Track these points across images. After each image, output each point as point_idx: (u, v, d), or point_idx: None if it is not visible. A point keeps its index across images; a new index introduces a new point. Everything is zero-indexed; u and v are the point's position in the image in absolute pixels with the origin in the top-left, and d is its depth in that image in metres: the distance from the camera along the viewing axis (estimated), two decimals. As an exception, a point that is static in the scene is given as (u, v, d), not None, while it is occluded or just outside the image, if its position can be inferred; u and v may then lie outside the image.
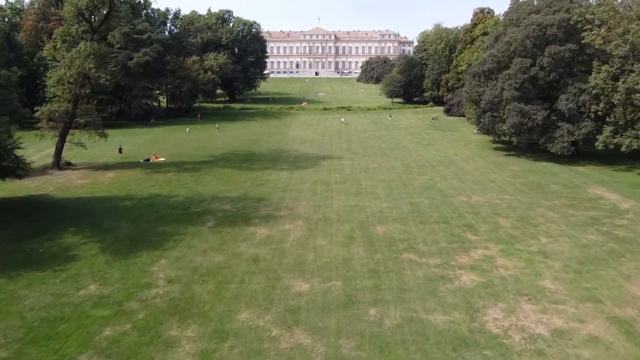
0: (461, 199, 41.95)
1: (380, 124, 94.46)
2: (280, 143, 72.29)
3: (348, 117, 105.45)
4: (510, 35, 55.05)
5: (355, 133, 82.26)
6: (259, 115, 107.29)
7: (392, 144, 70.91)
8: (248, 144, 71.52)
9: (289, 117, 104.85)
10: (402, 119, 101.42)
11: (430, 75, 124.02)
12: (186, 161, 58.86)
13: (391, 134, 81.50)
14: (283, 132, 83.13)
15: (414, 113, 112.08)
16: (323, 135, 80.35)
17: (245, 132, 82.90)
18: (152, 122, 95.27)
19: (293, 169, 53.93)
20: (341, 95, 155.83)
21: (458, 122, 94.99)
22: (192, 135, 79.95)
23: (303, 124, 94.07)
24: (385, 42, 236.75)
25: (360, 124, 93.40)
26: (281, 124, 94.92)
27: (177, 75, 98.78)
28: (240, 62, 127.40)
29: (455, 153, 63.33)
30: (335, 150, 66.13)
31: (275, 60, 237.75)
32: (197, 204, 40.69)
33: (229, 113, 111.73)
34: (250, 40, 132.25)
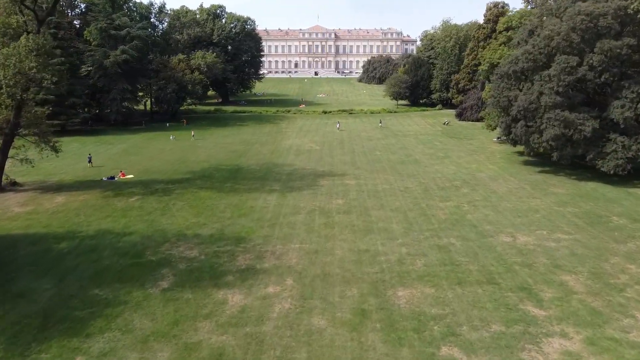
0: (503, 239, 31.81)
1: (386, 129, 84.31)
2: (273, 155, 62.08)
3: (350, 121, 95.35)
4: (551, 27, 44.86)
5: (358, 141, 72.13)
6: (252, 120, 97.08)
7: (402, 156, 60.76)
8: (235, 156, 61.34)
9: (285, 122, 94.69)
10: (410, 124, 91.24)
11: (438, 75, 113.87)
12: (158, 179, 48.64)
13: (400, 142, 71.36)
14: (277, 141, 72.96)
15: (422, 117, 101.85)
16: (322, 144, 70.17)
17: (234, 141, 72.71)
18: (142, 126, 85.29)
19: (285, 191, 43.75)
20: (342, 96, 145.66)
21: (473, 129, 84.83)
22: (174, 145, 69.72)
23: (300, 130, 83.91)
24: (387, 40, 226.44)
25: (364, 130, 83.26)
26: (276, 130, 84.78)
27: (160, 76, 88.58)
28: (234, 61, 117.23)
29: (480, 169, 53.15)
30: (337, 165, 55.96)
31: (273, 59, 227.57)
32: (155, 248, 30.53)
33: (220, 117, 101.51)
34: (245, 37, 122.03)
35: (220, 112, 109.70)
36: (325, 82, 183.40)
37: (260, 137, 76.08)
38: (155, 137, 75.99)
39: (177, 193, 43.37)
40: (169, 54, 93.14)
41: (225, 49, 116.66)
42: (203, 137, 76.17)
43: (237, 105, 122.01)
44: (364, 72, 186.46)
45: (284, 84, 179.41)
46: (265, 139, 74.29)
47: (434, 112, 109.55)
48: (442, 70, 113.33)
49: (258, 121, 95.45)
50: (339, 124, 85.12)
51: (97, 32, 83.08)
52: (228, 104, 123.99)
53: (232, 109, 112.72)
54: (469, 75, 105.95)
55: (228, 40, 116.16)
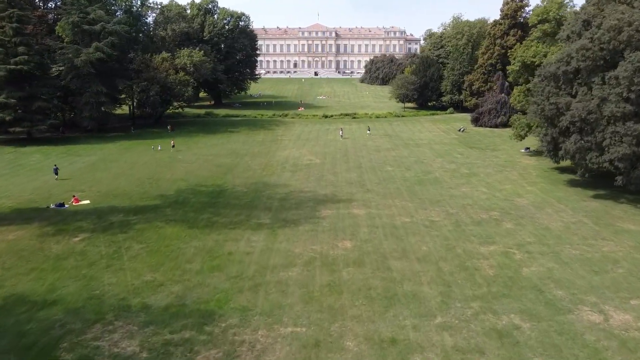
0: (589, 317, 21.76)
1: (395, 137, 74.26)
2: (265, 171, 52.04)
3: (354, 127, 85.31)
4: (618, 16, 34.84)
5: (365, 152, 62.11)
6: (245, 125, 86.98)
7: (419, 173, 50.75)
8: (220, 172, 51.31)
9: (282, 128, 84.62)
10: (422, 131, 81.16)
11: (449, 76, 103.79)
12: (118, 207, 38.60)
13: (413, 154, 61.33)
14: (271, 152, 62.89)
15: (433, 122, 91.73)
16: (323, 156, 60.12)
17: (222, 152, 62.68)
18: (123, 133, 75.20)
19: (276, 227, 33.68)
20: (343, 98, 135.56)
21: (494, 136, 74.79)
22: (150, 158, 59.63)
23: (298, 138, 73.84)
24: (390, 39, 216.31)
25: (370, 138, 73.18)
26: (270, 138, 74.70)
27: (142, 77, 78.48)
28: (226, 61, 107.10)
29: (517, 191, 43.11)
30: (342, 185, 45.90)
31: (272, 59, 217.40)
32: (78, 335, 20.40)
33: (210, 122, 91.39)
34: (239, 35, 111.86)
35: (211, 116, 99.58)
36: (326, 83, 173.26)
37: (252, 147, 66.02)
38: (132, 147, 65.89)
39: (137, 229, 33.28)
40: (153, 52, 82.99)
41: (217, 47, 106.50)
42: (187, 147, 66.14)
43: (231, 108, 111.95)
44: (366, 73, 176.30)
45: (282, 84, 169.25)
46: (258, 150, 64.21)
47: (445, 117, 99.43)
48: (453, 70, 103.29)
49: (251, 127, 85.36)
50: (341, 131, 75.00)
51: (69, 27, 72.99)
52: (221, 107, 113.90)
53: (224, 113, 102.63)
54: (483, 76, 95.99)
55: (220, 37, 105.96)
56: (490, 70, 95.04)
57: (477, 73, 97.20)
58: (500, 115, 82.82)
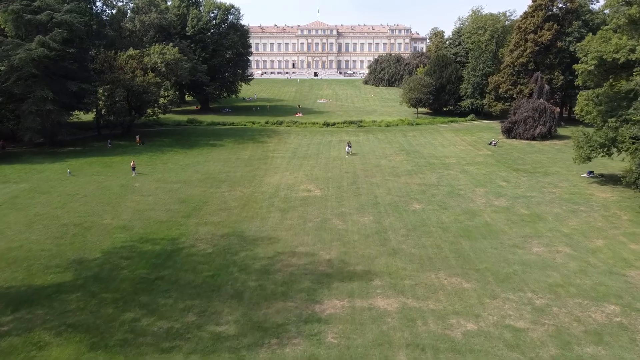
0: None
1: (414, 154, 59.30)
2: (245, 211, 37.08)
3: (361, 138, 70.43)
4: None
5: (380, 177, 47.23)
6: (232, 136, 72.05)
7: (460, 214, 35.78)
8: (182, 214, 36.39)
9: (275, 140, 69.72)
10: (445, 144, 66.19)
11: (470, 77, 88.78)
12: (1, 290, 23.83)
13: (444, 180, 46.35)
14: (257, 177, 47.93)
15: (454, 132, 76.73)
16: (326, 183, 45.21)
17: (194, 177, 47.78)
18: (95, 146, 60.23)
19: (244, 349, 18.77)
20: (347, 102, 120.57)
21: (535, 152, 59.91)
22: (97, 186, 44.70)
23: (294, 155, 58.93)
24: (395, 38, 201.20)
25: (383, 155, 58.34)
26: (260, 154, 59.78)
27: (104, 79, 63.62)
28: (213, 60, 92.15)
29: (620, 254, 28.18)
30: (354, 239, 30.98)
31: (269, 59, 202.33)
32: None
33: (191, 132, 76.43)
34: (228, 30, 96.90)
35: (194, 123, 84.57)
36: (327, 84, 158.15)
37: (234, 169, 51.11)
38: (82, 168, 50.94)
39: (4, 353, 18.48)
40: (119, 50, 67.93)
41: (202, 44, 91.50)
42: (152, 168, 51.31)
43: (219, 114, 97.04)
44: (371, 73, 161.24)
45: (279, 86, 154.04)
46: (241, 174, 49.26)
47: (466, 125, 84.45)
48: (474, 71, 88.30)
49: (239, 139, 70.40)
50: (349, 147, 59.90)
51: (10, 17, 58.09)
52: (208, 113, 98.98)
53: (210, 120, 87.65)
54: (512, 77, 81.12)
55: (206, 33, 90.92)
56: (520, 70, 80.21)
57: (504, 74, 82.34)
58: (539, 125, 67.92)
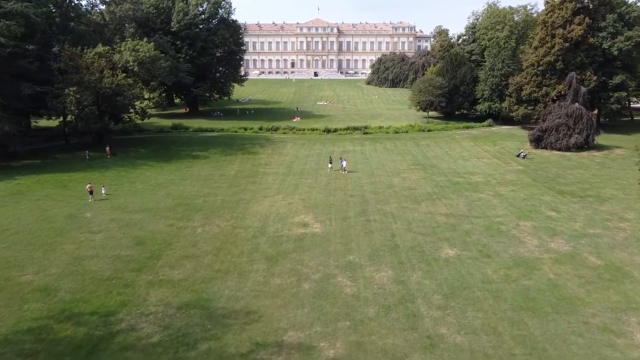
0: None
1: (432, 169, 49.42)
2: (218, 262, 27.20)
3: (368, 147, 60.66)
4: None
5: (396, 205, 37.41)
6: (219, 146, 62.27)
7: (512, 266, 25.94)
8: (133, 265, 26.56)
9: (268, 151, 59.96)
10: (466, 156, 56.33)
11: (488, 78, 79.02)
12: None
13: (476, 208, 36.38)
14: (242, 203, 38.01)
15: (473, 140, 66.86)
16: (328, 213, 35.37)
17: (163, 203, 37.92)
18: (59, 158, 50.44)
19: None
20: (349, 104, 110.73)
21: (575, 167, 50.10)
22: (37, 217, 34.94)
23: (288, 172, 49.09)
24: (398, 36, 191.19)
25: (394, 170, 48.52)
26: (248, 170, 49.94)
27: (67, 80, 53.89)
28: (201, 58, 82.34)
29: None
30: (369, 312, 21.26)
31: (266, 58, 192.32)
32: None
33: (173, 141, 66.55)
34: (218, 26, 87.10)
35: (179, 129, 74.76)
36: (327, 85, 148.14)
37: (214, 192, 41.28)
38: (28, 190, 41.19)
39: None
40: (87, 46, 58.01)
41: (189, 40, 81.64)
42: (116, 188, 41.60)
43: (208, 118, 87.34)
44: (374, 73, 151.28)
45: (277, 87, 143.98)
46: (222, 198, 39.42)
47: (485, 132, 74.62)
48: (493, 70, 78.56)
49: (226, 148, 60.63)
50: (343, 163, 49.07)
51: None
52: (197, 116, 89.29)
53: (197, 125, 77.82)
54: (536, 78, 71.37)
55: (192, 29, 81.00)
56: (546, 70, 70.46)
57: (527, 74, 72.60)
58: (574, 134, 58.15)
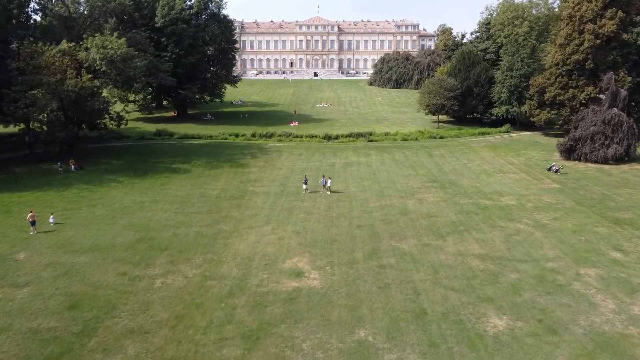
0: None
1: (452, 187, 41.35)
2: (168, 346, 19.27)
3: (373, 159, 52.66)
4: None
5: (415, 241, 29.36)
6: (204, 157, 54.26)
7: (597, 355, 18.05)
8: (49, 346, 18.56)
9: (259, 162, 51.96)
10: (488, 170, 48.21)
11: (505, 79, 71.02)
12: None
13: (516, 247, 28.29)
14: (218, 241, 29.74)
15: (493, 150, 58.80)
16: (329, 255, 27.27)
17: (116, 239, 29.78)
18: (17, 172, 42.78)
19: None
20: (350, 106, 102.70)
21: (620, 184, 42.02)
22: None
23: (282, 192, 41.03)
24: (401, 35, 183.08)
25: (409, 190, 40.48)
26: (233, 188, 41.86)
27: (24, 81, 45.91)
28: (189, 57, 74.28)
29: None
30: None
31: (265, 57, 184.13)
32: None
33: (154, 149, 58.54)
34: (208, 22, 79.06)
35: (163, 136, 66.76)
36: (327, 86, 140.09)
37: (189, 220, 33.23)
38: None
39: None
40: (50, 42, 49.92)
41: (176, 37, 73.58)
42: (70, 215, 33.60)
43: (198, 123, 79.40)
44: (376, 73, 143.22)
45: (274, 88, 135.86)
46: (197, 231, 31.35)
47: (503, 138, 66.57)
48: (511, 70, 70.53)
49: (212, 160, 52.65)
50: (327, 182, 40.21)
51: None
52: (185, 120, 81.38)
53: (184, 131, 69.83)
54: (562, 79, 63.37)
55: (179, 24, 72.89)
56: (572, 70, 62.50)
57: (551, 74, 64.56)
58: (613, 144, 50.12)
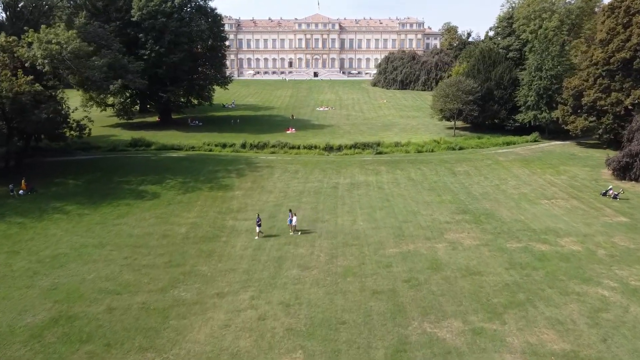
0: None
1: (493, 224, 31.59)
2: None
3: (386, 179, 43.03)
4: None
5: (456, 319, 19.77)
6: (179, 175, 44.56)
7: None
8: None
9: (246, 183, 42.27)
10: (526, 192, 38.46)
11: (533, 80, 61.35)
12: None
13: (611, 341, 18.75)
14: (167, 325, 19.80)
15: (525, 165, 49.10)
16: (333, 353, 17.84)
17: (21, 319, 20.10)
18: None
19: None
20: (354, 110, 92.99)
21: None
22: None
23: (268, 230, 31.48)
24: (405, 33, 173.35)
25: (436, 227, 30.84)
26: (208, 224, 32.10)
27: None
28: (171, 55, 64.63)
29: None
30: None
31: (262, 57, 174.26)
32: None
33: (122, 165, 48.86)
34: (194, 16, 69.38)
35: (139, 146, 57.12)
36: (328, 87, 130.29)
37: (135, 282, 23.45)
38: None
39: None
40: None
41: (154, 33, 63.93)
42: None
43: (182, 129, 69.76)
44: (380, 74, 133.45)
45: (271, 89, 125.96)
46: (142, 301, 21.44)
47: (533, 150, 56.87)
48: (540, 71, 60.87)
49: (189, 180, 42.99)
50: (292, 219, 30.18)
51: None
52: (169, 127, 71.70)
53: (164, 140, 60.21)
54: (603, 81, 53.83)
55: (159, 18, 63.21)
56: (616, 70, 53.02)
57: (589, 75, 55.01)
58: (683, 161, 40.51)
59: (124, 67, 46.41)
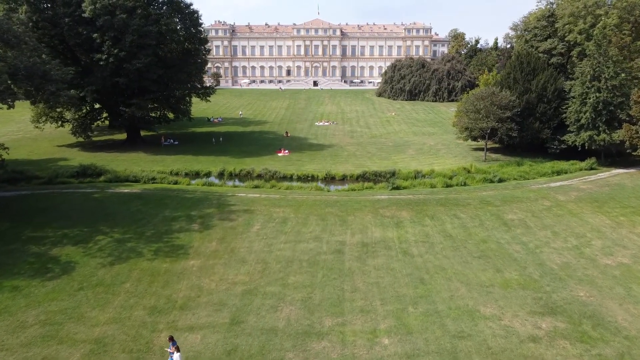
0: None
1: (607, 346, 18.62)
2: None
3: (411, 236, 29.57)
4: None
5: None
6: (118, 227, 31.24)
7: None
8: None
9: (209, 245, 28.88)
10: (624, 260, 25.22)
11: (588, 92, 48.00)
12: None
13: None
14: None
15: (598, 208, 35.64)
16: None
17: None
18: None
19: None
20: (358, 125, 79.68)
21: None
22: None
23: (223, 352, 18.13)
24: (412, 39, 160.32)
25: (515, 349, 17.70)
26: (118, 345, 18.89)
27: None
28: (134, 60, 51.48)
29: None
30: None
31: (258, 64, 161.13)
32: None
33: (50, 206, 35.59)
34: (167, 13, 56.32)
35: (86, 176, 43.93)
36: (329, 97, 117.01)
37: None
38: None
39: None
40: None
41: (112, 33, 50.78)
42: None
43: (151, 151, 56.66)
44: (386, 83, 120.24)
45: (266, 100, 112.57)
46: None
47: (594, 182, 43.29)
48: (597, 80, 47.56)
49: (130, 236, 29.55)
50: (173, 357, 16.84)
51: None
52: (137, 148, 58.76)
53: (123, 166, 47.16)
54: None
55: (117, 14, 50.07)
56: None
57: (668, 86, 41.71)
58: None
59: (44, 74, 32.99)
